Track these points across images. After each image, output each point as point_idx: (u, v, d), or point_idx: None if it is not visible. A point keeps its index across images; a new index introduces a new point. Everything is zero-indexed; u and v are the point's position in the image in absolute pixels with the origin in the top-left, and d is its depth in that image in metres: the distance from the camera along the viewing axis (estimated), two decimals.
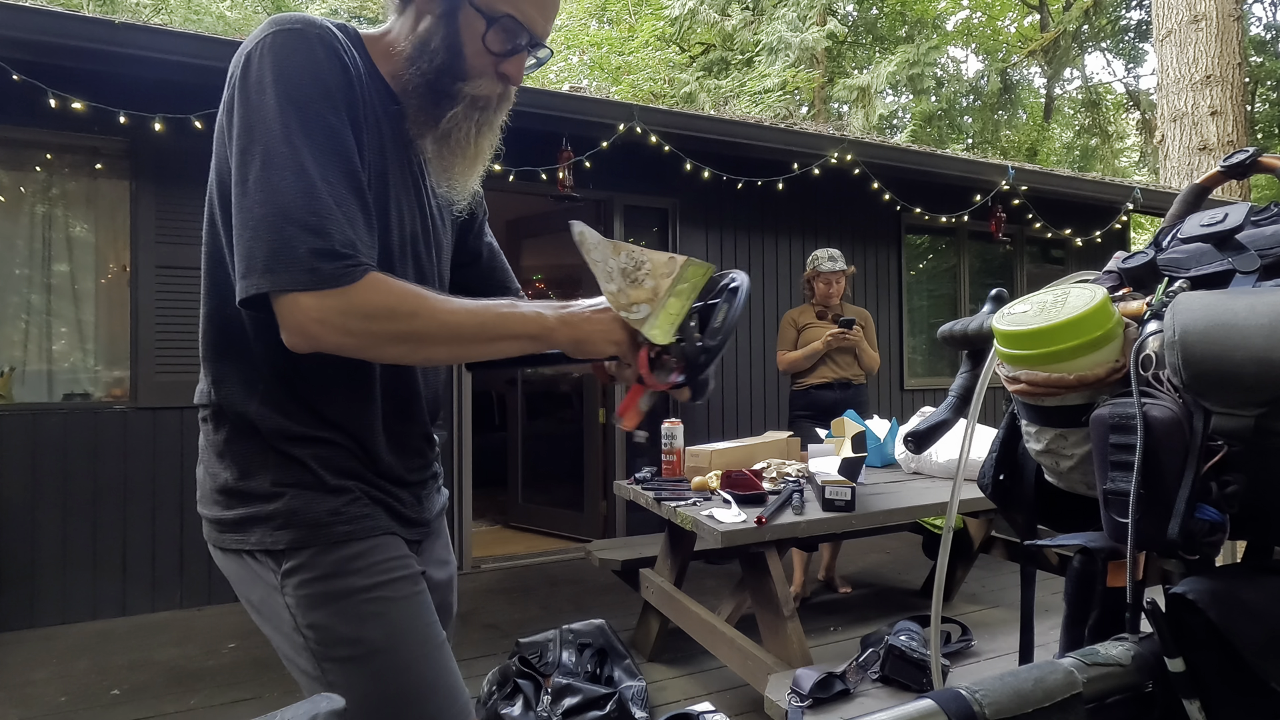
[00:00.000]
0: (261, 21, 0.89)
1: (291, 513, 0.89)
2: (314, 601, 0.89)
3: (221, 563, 0.96)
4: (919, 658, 1.93)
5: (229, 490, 0.92)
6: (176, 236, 3.50)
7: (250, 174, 0.81)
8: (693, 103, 11.67)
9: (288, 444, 0.91)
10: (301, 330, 0.81)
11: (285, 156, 0.81)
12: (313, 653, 0.89)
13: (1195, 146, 7.62)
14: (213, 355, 0.94)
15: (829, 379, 3.65)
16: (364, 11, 12.55)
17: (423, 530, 1.04)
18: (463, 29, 0.92)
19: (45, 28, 2.97)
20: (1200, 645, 0.59)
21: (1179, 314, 0.60)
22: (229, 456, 0.92)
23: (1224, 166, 0.80)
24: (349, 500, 0.92)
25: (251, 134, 0.82)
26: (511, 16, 0.92)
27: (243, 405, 0.91)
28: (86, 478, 3.38)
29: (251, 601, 0.94)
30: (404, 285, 0.86)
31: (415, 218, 1.00)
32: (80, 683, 2.73)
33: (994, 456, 0.83)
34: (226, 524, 0.92)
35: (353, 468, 0.94)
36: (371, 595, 0.90)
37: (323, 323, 0.80)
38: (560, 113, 3.86)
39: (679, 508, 2.41)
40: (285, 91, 0.83)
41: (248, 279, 0.80)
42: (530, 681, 2.35)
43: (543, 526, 4.99)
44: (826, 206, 5.21)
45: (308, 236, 0.79)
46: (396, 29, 0.97)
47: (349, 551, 0.91)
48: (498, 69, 0.95)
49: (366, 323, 0.82)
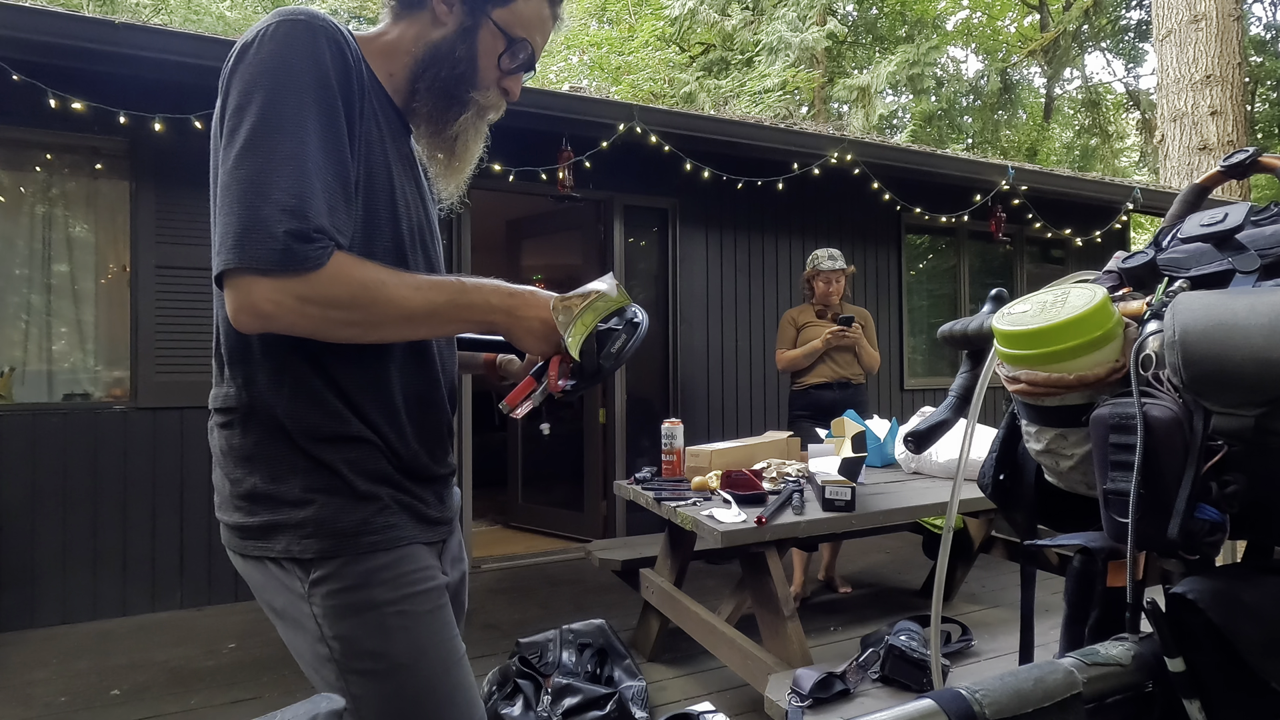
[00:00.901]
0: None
1: (320, 522, 0.89)
2: (341, 612, 0.89)
3: (242, 568, 0.95)
4: (919, 658, 1.93)
5: (255, 495, 0.91)
6: (176, 236, 3.50)
7: (235, 149, 0.82)
8: (693, 103, 11.67)
9: (318, 446, 0.90)
10: (254, 309, 0.81)
11: (275, 134, 0.81)
12: (337, 664, 0.89)
13: (1195, 146, 7.62)
14: (237, 357, 0.92)
15: (828, 379, 3.65)
16: (364, 11, 12.55)
17: (445, 530, 1.04)
18: (481, 43, 1.00)
19: (45, 28, 2.97)
20: (1200, 645, 0.59)
21: (1179, 314, 0.60)
22: (258, 460, 0.91)
23: (1224, 166, 0.80)
24: (378, 509, 0.92)
25: (243, 112, 0.83)
26: (526, 41, 1.02)
27: (272, 406, 0.90)
28: (86, 478, 3.38)
29: (274, 608, 0.93)
30: (368, 271, 0.86)
31: (419, 207, 1.02)
32: (80, 683, 2.73)
33: (994, 456, 0.83)
34: (250, 530, 0.91)
35: (382, 470, 0.94)
36: (397, 609, 0.91)
37: (278, 304, 0.81)
38: (560, 113, 3.86)
39: (679, 508, 2.41)
40: (283, 75, 0.83)
41: (220, 255, 0.81)
42: (530, 681, 2.35)
43: (543, 526, 4.99)
44: (826, 206, 5.21)
45: (285, 217, 0.79)
46: (398, 33, 1.00)
47: (376, 563, 0.91)
48: (501, 83, 1.04)
49: (323, 309, 0.83)
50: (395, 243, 0.95)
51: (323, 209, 0.82)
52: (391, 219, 0.95)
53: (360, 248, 0.91)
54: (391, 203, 0.95)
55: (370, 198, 0.92)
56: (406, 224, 0.97)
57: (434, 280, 0.90)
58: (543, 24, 1.04)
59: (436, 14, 0.99)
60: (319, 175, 0.83)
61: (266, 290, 0.80)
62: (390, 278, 0.87)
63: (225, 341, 0.93)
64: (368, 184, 0.92)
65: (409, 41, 0.99)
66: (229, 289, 0.82)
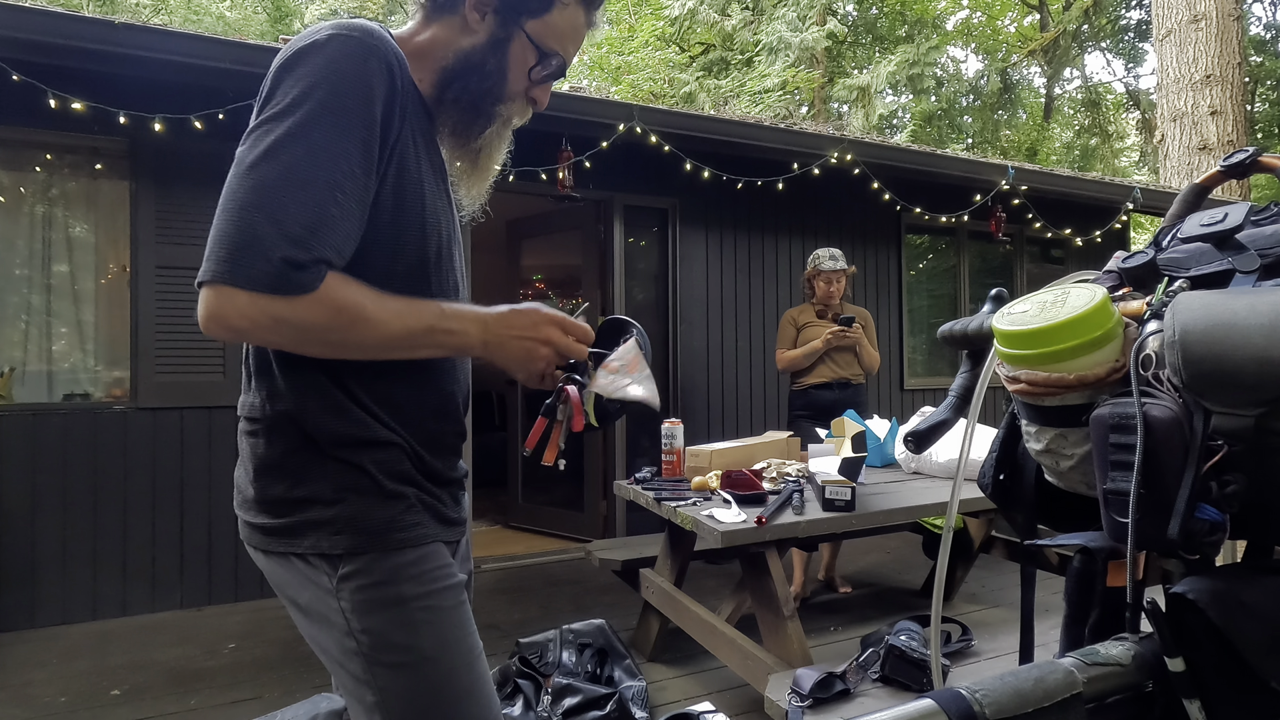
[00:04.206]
0: (261, 21, 0.90)
1: (350, 519, 0.90)
2: (370, 606, 0.90)
3: (264, 564, 0.96)
4: (919, 657, 1.93)
5: (282, 501, 0.92)
6: (176, 237, 3.50)
7: (256, 151, 0.81)
8: (693, 103, 11.67)
9: (345, 450, 0.91)
10: (225, 322, 0.80)
11: (301, 151, 0.81)
12: (365, 657, 0.90)
13: (1195, 146, 7.62)
14: (262, 370, 0.93)
15: (828, 379, 3.65)
16: (364, 11, 12.54)
17: (460, 530, 1.06)
18: (512, 55, 0.98)
19: (45, 28, 2.97)
20: (1200, 645, 0.59)
21: (1179, 314, 0.60)
22: (286, 469, 0.92)
23: (1224, 166, 0.80)
24: (405, 508, 0.94)
25: (277, 120, 0.82)
26: (559, 55, 1.01)
27: (296, 419, 0.91)
28: (86, 478, 3.38)
29: (299, 604, 0.94)
30: (350, 294, 0.84)
31: (449, 222, 1.02)
32: (80, 683, 2.73)
33: (994, 456, 0.83)
34: (274, 530, 0.92)
35: (407, 471, 0.95)
36: (423, 604, 0.92)
37: (253, 321, 0.80)
38: (560, 113, 3.86)
39: (679, 508, 2.41)
40: (324, 92, 0.83)
41: (209, 263, 0.79)
42: (530, 681, 2.35)
43: (543, 526, 4.99)
44: (826, 206, 5.21)
45: (286, 244, 0.79)
46: (429, 36, 0.99)
47: (403, 559, 0.92)
48: (529, 93, 1.03)
49: (298, 331, 0.83)
50: (420, 261, 0.95)
51: (328, 238, 0.82)
52: (420, 239, 0.94)
53: (384, 264, 0.91)
54: (421, 223, 0.94)
55: (400, 216, 0.92)
56: (435, 242, 0.97)
57: (416, 306, 0.89)
58: (576, 33, 1.02)
59: (468, 21, 0.98)
60: (335, 203, 0.82)
61: (243, 305, 0.79)
62: (372, 303, 0.86)
63: (253, 353, 0.94)
64: (397, 205, 0.91)
65: (440, 46, 0.98)
66: (206, 293, 0.80)
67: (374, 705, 0.91)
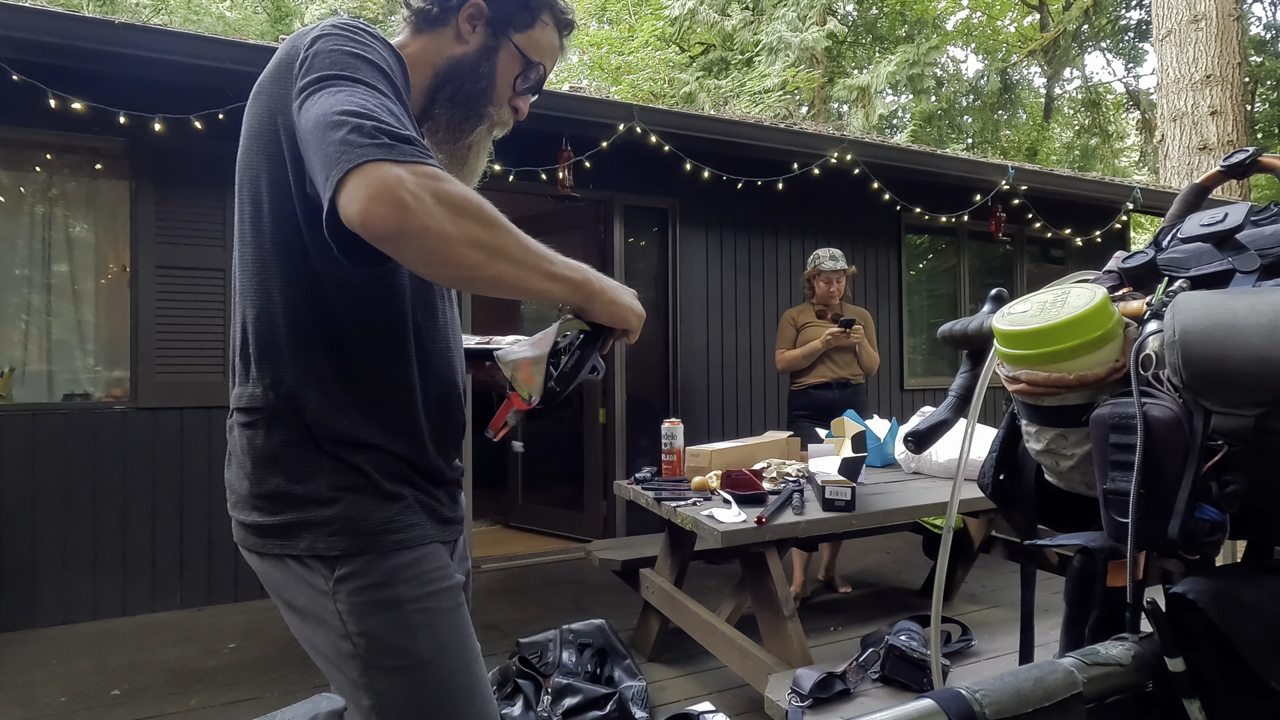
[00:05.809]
0: (261, 22, 0.90)
1: (347, 519, 0.90)
2: (366, 609, 0.90)
3: (259, 566, 0.96)
4: (919, 658, 1.93)
5: (277, 495, 0.91)
6: (176, 236, 3.50)
7: (321, 97, 0.79)
8: (693, 103, 11.67)
9: (343, 449, 0.91)
10: (393, 198, 0.71)
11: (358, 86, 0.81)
12: (361, 660, 0.90)
13: (1195, 146, 7.62)
14: (267, 358, 0.92)
15: (827, 379, 3.65)
16: (363, 11, 12.55)
17: (457, 530, 1.06)
18: (501, 63, 1.06)
19: (45, 28, 2.97)
20: (1200, 645, 0.59)
21: (1179, 314, 0.60)
22: (282, 461, 0.91)
23: (1224, 166, 0.80)
24: (402, 508, 0.94)
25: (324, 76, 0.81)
26: (542, 66, 1.09)
27: (298, 409, 0.91)
28: (86, 478, 3.38)
29: (294, 606, 0.94)
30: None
31: None
32: (80, 683, 2.73)
33: (994, 456, 0.83)
34: (270, 529, 0.92)
35: (405, 471, 0.95)
36: (420, 606, 0.92)
37: (417, 196, 0.72)
38: (560, 113, 3.86)
39: (679, 508, 2.41)
40: (352, 51, 0.84)
41: (351, 153, 0.73)
42: (530, 681, 2.35)
43: (543, 526, 4.99)
44: (826, 206, 5.21)
45: (382, 132, 0.75)
46: (418, 46, 1.04)
47: (400, 560, 0.92)
48: (512, 102, 1.09)
49: (454, 212, 0.75)
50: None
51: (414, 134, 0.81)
52: None
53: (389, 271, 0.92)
54: None
55: None
56: None
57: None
58: (553, 52, 1.11)
59: (460, 32, 1.03)
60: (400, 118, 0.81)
61: (407, 179, 0.72)
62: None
63: (255, 341, 0.93)
64: None
65: (432, 54, 1.03)
66: (358, 179, 0.72)
67: (370, 709, 0.91)
